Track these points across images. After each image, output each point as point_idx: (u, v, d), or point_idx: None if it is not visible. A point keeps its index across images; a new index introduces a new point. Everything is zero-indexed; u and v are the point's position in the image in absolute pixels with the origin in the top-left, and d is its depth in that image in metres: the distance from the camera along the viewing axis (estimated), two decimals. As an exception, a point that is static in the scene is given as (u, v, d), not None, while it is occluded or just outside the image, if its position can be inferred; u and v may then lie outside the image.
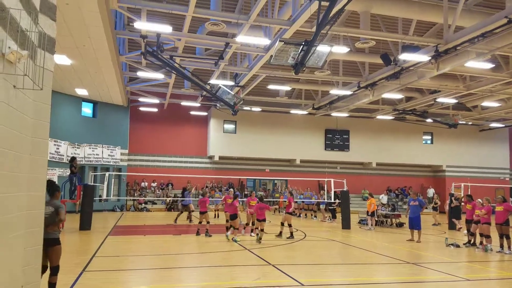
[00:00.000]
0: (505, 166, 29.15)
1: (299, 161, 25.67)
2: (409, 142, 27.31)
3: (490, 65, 14.86)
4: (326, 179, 18.35)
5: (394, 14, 13.01)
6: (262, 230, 10.80)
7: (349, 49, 14.74)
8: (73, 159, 14.27)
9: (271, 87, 20.10)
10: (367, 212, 15.43)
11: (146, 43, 13.15)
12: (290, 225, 11.84)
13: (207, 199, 12.08)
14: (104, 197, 16.84)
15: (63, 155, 18.71)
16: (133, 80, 20.45)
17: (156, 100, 22.45)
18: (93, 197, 14.13)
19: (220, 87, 16.41)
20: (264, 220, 10.83)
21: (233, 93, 16.67)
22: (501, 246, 10.10)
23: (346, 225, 14.90)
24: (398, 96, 20.80)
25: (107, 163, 21.28)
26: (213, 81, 17.68)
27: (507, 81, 16.87)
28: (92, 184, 15.37)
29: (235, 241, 10.59)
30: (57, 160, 18.21)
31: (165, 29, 11.80)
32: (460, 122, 24.37)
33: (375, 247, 10.69)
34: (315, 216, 19.31)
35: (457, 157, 28.08)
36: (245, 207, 14.34)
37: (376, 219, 16.35)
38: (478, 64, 14.15)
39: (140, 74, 17.39)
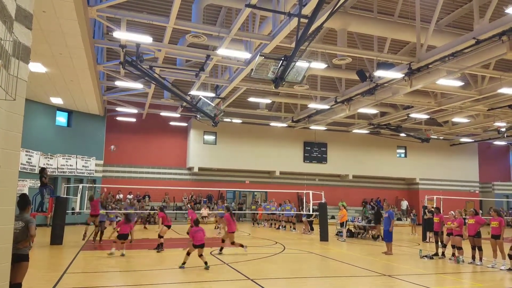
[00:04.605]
0: (475, 179, 30.39)
1: (279, 172, 25.80)
2: (384, 155, 28.06)
3: (460, 83, 15.62)
4: (305, 191, 18.50)
5: (370, 32, 13.53)
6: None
7: (326, 65, 15.14)
8: (42, 169, 13.73)
9: (252, 99, 20.28)
10: (340, 223, 15.97)
11: (125, 53, 13.00)
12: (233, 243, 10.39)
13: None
14: (77, 210, 16.22)
15: (35, 166, 17.97)
16: (111, 90, 20.07)
17: (134, 110, 22.08)
18: (66, 210, 13.61)
19: (200, 98, 16.38)
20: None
21: (213, 105, 16.66)
22: (473, 257, 10.45)
23: (324, 237, 15.01)
24: (373, 111, 21.46)
25: (81, 174, 20.59)
26: (193, 92, 17.62)
27: (476, 98, 17.77)
28: (65, 196, 14.82)
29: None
30: (28, 171, 17.48)
31: (145, 39, 11.73)
32: (432, 136, 25.39)
33: (352, 259, 10.80)
34: (294, 228, 19.35)
35: (430, 170, 29.06)
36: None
37: (354, 230, 16.76)
38: (448, 82, 14.85)
39: (118, 83, 17.11)
